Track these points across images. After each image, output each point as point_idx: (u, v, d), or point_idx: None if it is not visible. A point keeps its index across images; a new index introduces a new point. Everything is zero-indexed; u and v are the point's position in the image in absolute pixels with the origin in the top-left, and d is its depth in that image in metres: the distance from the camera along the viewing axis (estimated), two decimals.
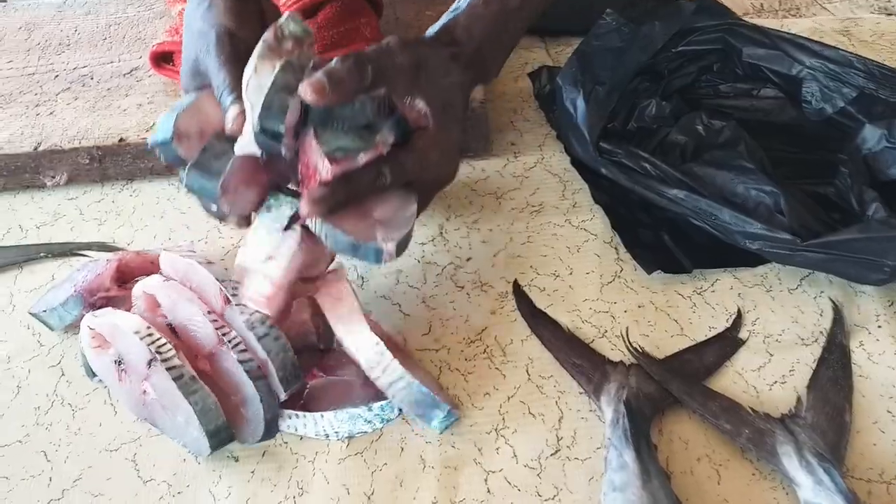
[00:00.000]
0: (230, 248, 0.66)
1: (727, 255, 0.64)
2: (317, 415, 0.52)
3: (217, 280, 0.53)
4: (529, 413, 0.55)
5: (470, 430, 0.54)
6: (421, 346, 0.59)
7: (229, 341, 0.51)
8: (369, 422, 0.52)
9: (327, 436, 0.53)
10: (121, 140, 0.69)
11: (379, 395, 0.53)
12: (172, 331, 0.54)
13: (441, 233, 0.68)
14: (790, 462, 0.50)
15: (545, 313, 0.62)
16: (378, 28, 0.76)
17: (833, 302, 0.61)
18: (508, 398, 0.56)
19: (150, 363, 0.50)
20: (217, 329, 0.52)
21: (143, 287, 0.55)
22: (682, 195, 0.64)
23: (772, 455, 0.51)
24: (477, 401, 0.56)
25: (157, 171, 0.71)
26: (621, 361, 0.57)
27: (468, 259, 0.66)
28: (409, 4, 0.88)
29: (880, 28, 0.93)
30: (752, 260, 0.64)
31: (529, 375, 0.57)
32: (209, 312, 0.53)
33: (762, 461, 0.51)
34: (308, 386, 0.54)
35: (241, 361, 0.51)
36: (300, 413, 0.52)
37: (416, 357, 0.58)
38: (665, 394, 0.55)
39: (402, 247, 0.52)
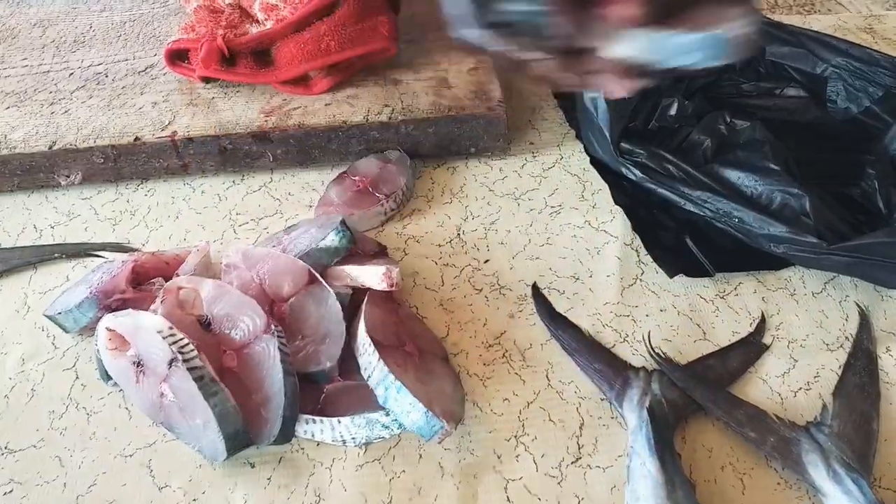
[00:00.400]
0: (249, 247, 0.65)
1: (750, 258, 0.63)
2: (334, 420, 0.51)
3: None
4: (550, 420, 0.54)
5: (489, 437, 0.53)
6: None
7: (276, 330, 0.52)
8: (387, 427, 0.51)
9: (344, 441, 0.52)
10: (136, 139, 0.68)
11: None
12: (205, 325, 0.54)
13: (459, 234, 0.68)
14: (817, 471, 0.49)
15: (565, 317, 0.61)
16: (395, 25, 0.75)
17: (859, 306, 0.60)
18: (528, 404, 0.55)
19: (171, 363, 0.50)
20: (266, 317, 0.53)
21: (177, 283, 0.56)
22: (706, 196, 0.63)
23: (797, 464, 0.50)
24: (496, 407, 0.55)
25: (172, 170, 0.71)
26: (643, 367, 0.56)
27: (486, 261, 0.65)
28: (424, 2, 0.87)
29: (872, 24, 0.91)
30: (775, 263, 0.63)
31: (549, 381, 0.56)
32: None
33: (788, 470, 0.50)
34: (325, 390, 0.53)
35: (280, 349, 0.51)
36: (317, 418, 0.51)
37: (449, 363, 0.57)
38: (689, 401, 0.54)
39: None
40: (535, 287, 0.63)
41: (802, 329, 0.59)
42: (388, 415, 0.51)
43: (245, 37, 0.73)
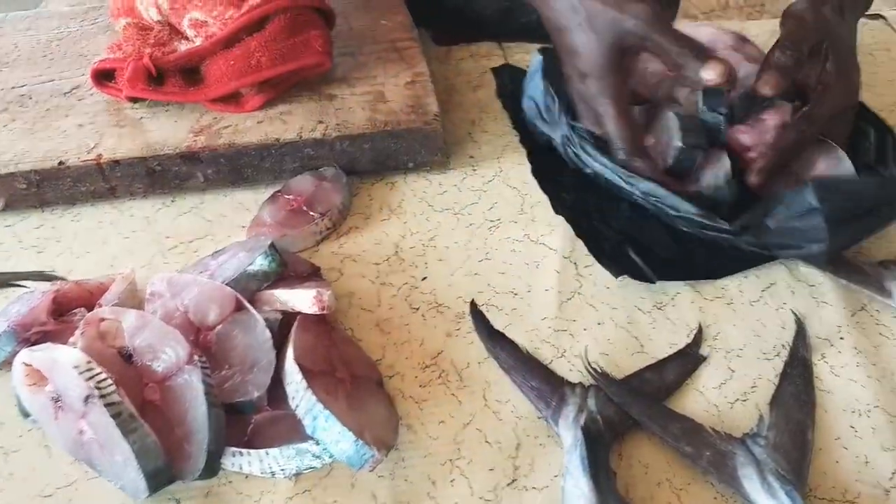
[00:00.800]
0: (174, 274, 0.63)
1: (691, 267, 0.63)
2: (262, 451, 0.50)
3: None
4: (486, 441, 0.53)
5: (423, 462, 0.52)
6: None
7: (199, 361, 0.50)
8: (318, 457, 0.50)
9: (273, 473, 0.50)
10: (60, 163, 0.66)
11: None
12: (126, 357, 0.52)
13: (396, 252, 0.66)
14: (751, 485, 0.48)
15: (503, 334, 0.60)
16: (329, 39, 0.74)
17: (795, 314, 0.60)
18: (464, 426, 0.54)
19: (87, 399, 0.48)
20: (189, 347, 0.51)
21: (98, 314, 0.54)
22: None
23: (733, 478, 0.49)
24: (431, 430, 0.54)
25: (100, 194, 0.69)
26: (580, 383, 0.56)
27: (424, 279, 0.64)
28: (363, 14, 0.86)
29: None
30: (717, 272, 0.63)
31: (486, 401, 0.55)
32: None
33: (723, 485, 0.50)
34: (253, 421, 0.52)
35: (204, 381, 0.49)
36: (244, 450, 0.50)
37: (383, 388, 0.56)
38: (625, 416, 0.53)
39: None
40: (473, 304, 0.62)
41: (739, 338, 0.59)
42: (318, 444, 0.50)
43: (173, 55, 0.71)
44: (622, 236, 0.66)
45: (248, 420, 0.52)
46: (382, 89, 0.74)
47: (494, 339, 0.59)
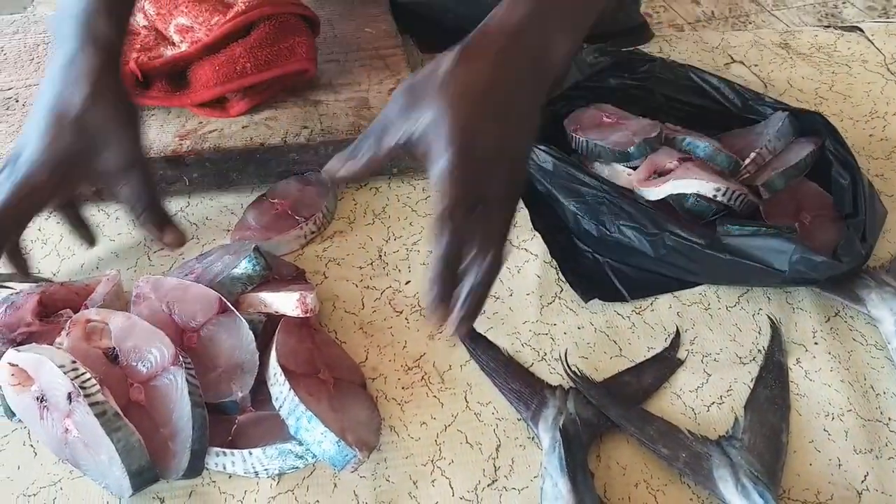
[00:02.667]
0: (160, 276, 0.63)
1: (665, 284, 0.64)
2: (245, 451, 0.50)
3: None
4: (467, 442, 0.54)
5: (405, 463, 0.53)
6: None
7: (184, 361, 0.51)
8: (300, 457, 0.51)
9: (256, 473, 0.51)
10: None
11: None
12: (112, 358, 0.53)
13: (380, 256, 0.67)
14: (726, 486, 0.50)
15: (484, 337, 0.61)
16: (314, 46, 0.75)
17: (771, 319, 0.61)
18: (446, 427, 0.55)
19: (70, 397, 0.48)
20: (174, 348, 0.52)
21: (85, 315, 0.54)
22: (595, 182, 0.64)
23: (708, 479, 0.50)
24: (413, 431, 0.54)
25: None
26: (560, 386, 0.57)
27: (407, 282, 0.65)
28: (348, 21, 0.86)
29: (818, 40, 0.94)
30: (690, 286, 0.64)
31: (468, 403, 0.56)
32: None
33: (699, 486, 0.51)
34: (237, 421, 0.52)
35: (188, 381, 0.50)
36: (228, 450, 0.50)
37: (365, 389, 0.57)
38: (603, 418, 0.54)
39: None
40: None
41: (716, 343, 0.60)
42: (301, 444, 0.50)
43: (159, 59, 0.71)
44: (598, 252, 0.66)
45: (231, 420, 0.52)
46: (367, 96, 0.75)
47: (476, 342, 0.60)
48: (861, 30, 0.96)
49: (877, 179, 0.74)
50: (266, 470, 0.51)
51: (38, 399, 0.50)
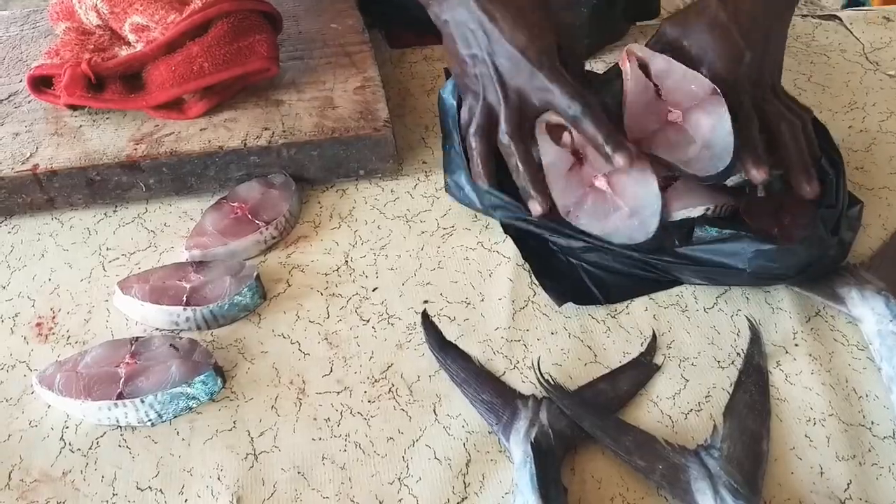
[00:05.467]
0: (114, 287, 0.60)
1: (641, 287, 0.62)
2: (136, 400, 0.50)
3: None
4: (435, 458, 0.52)
5: (371, 482, 0.50)
6: (321, 389, 0.55)
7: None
8: (194, 398, 0.52)
9: (153, 423, 0.52)
10: None
11: (197, 371, 0.53)
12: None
13: (347, 261, 0.65)
14: (704, 499, 0.48)
15: (454, 345, 0.58)
16: (275, 44, 0.72)
17: (750, 321, 0.59)
18: (413, 442, 0.52)
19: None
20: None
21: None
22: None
23: (686, 492, 0.48)
24: (379, 447, 0.52)
25: (38, 205, 0.66)
26: (532, 395, 0.54)
27: (374, 289, 0.63)
28: (313, 17, 0.84)
29: (795, 30, 0.92)
30: (667, 286, 0.62)
31: (437, 415, 0.54)
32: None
33: (677, 499, 0.49)
34: (123, 374, 0.52)
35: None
36: (118, 402, 0.51)
37: None
38: (577, 429, 0.52)
39: None
40: (424, 314, 0.60)
41: (694, 346, 0.58)
42: (190, 385, 0.52)
43: (113, 60, 0.69)
44: (569, 259, 0.64)
45: (118, 375, 0.53)
46: (331, 95, 0.72)
47: (446, 350, 0.58)
48: (839, 18, 0.94)
49: (857, 172, 0.72)
50: (160, 415, 0.52)
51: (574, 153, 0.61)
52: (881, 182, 0.71)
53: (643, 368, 0.57)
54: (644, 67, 0.63)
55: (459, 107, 0.66)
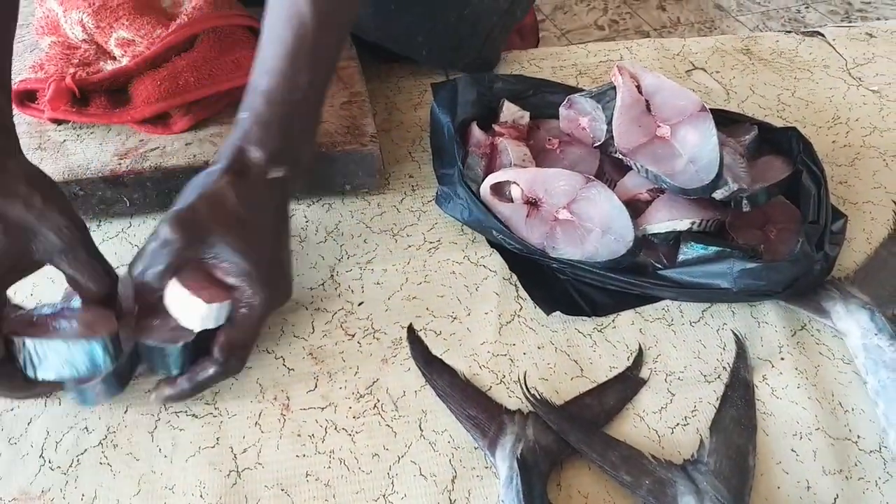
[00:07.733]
0: None
1: (627, 302, 0.62)
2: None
3: None
4: (421, 474, 0.51)
5: (356, 499, 0.50)
6: (306, 405, 0.55)
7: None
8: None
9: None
10: None
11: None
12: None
13: (332, 276, 0.64)
14: None
15: (440, 360, 0.58)
16: None
17: (735, 335, 0.59)
18: (399, 458, 0.52)
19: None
20: None
21: None
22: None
23: None
24: (364, 464, 0.52)
25: None
26: (519, 410, 0.54)
27: (360, 304, 0.62)
28: None
29: (779, 46, 0.93)
30: (653, 301, 0.62)
31: (422, 431, 0.54)
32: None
33: None
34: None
35: None
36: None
37: None
38: (564, 444, 0.52)
39: None
40: (410, 329, 0.60)
41: (680, 361, 0.58)
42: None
43: (98, 75, 0.68)
44: (557, 272, 0.64)
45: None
46: None
47: (431, 365, 0.58)
48: (822, 34, 0.95)
49: (840, 187, 0.72)
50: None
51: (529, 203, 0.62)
52: (865, 196, 0.72)
53: (630, 383, 0.56)
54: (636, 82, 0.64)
55: (453, 119, 0.68)
